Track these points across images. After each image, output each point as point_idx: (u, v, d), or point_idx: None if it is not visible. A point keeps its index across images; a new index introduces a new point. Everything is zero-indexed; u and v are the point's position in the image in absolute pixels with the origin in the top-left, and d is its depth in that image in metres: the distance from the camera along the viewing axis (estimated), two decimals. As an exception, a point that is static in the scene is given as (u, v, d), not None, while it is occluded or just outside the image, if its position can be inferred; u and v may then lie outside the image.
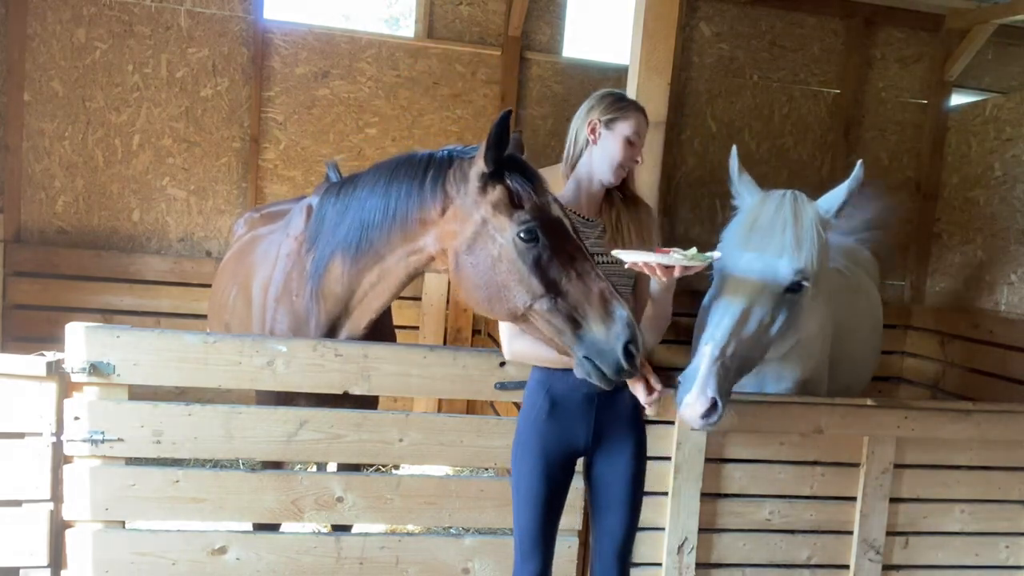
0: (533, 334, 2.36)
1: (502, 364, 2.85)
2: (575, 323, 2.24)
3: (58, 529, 2.66)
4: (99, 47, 5.17)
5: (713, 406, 2.40)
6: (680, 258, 2.21)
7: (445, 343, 5.47)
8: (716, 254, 2.30)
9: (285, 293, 2.88)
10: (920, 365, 5.58)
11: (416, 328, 5.47)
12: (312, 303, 2.77)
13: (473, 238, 2.36)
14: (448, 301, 5.51)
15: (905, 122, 6.28)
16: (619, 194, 2.58)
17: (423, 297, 5.48)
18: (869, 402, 3.06)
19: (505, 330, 2.53)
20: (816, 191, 2.84)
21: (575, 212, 2.48)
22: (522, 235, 2.26)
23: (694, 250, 2.26)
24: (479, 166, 2.33)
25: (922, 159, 6.19)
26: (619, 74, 5.60)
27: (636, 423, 2.49)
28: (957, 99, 6.17)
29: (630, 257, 2.25)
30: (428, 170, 2.48)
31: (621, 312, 2.20)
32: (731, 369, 2.46)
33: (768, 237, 2.59)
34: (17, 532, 2.62)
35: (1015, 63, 6.29)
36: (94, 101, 5.19)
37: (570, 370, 2.40)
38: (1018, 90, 5.94)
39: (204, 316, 3.94)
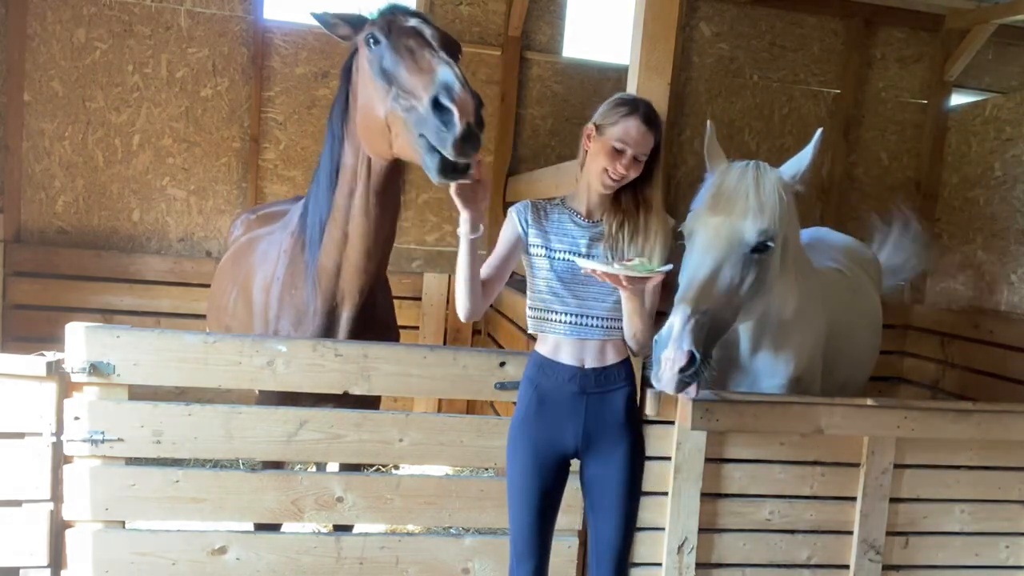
0: (407, 155, 2.41)
1: (502, 364, 2.85)
2: (414, 111, 2.20)
3: (58, 529, 2.66)
4: (99, 47, 5.16)
5: (690, 360, 2.39)
6: (620, 268, 2.20)
7: (445, 343, 5.47)
8: (668, 266, 2.34)
9: (287, 288, 2.90)
10: (920, 365, 5.58)
11: (416, 328, 5.47)
12: (311, 288, 2.80)
13: (358, 77, 2.57)
14: (448, 301, 5.51)
15: (905, 122, 6.28)
16: (633, 200, 2.46)
17: (423, 297, 5.49)
18: (869, 402, 3.05)
19: None
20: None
21: (576, 214, 2.46)
22: (369, 44, 2.42)
23: (643, 260, 2.30)
24: None
25: (922, 159, 6.18)
26: (619, 74, 5.59)
27: (630, 425, 2.45)
28: (957, 99, 6.17)
29: (587, 265, 2.27)
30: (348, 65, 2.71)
31: (443, 70, 2.13)
32: (705, 326, 2.48)
33: (732, 202, 2.69)
34: (17, 532, 2.62)
35: (1015, 63, 6.29)
36: (94, 101, 5.19)
37: (558, 365, 2.41)
38: (1018, 90, 5.94)
39: (204, 316, 3.94)
